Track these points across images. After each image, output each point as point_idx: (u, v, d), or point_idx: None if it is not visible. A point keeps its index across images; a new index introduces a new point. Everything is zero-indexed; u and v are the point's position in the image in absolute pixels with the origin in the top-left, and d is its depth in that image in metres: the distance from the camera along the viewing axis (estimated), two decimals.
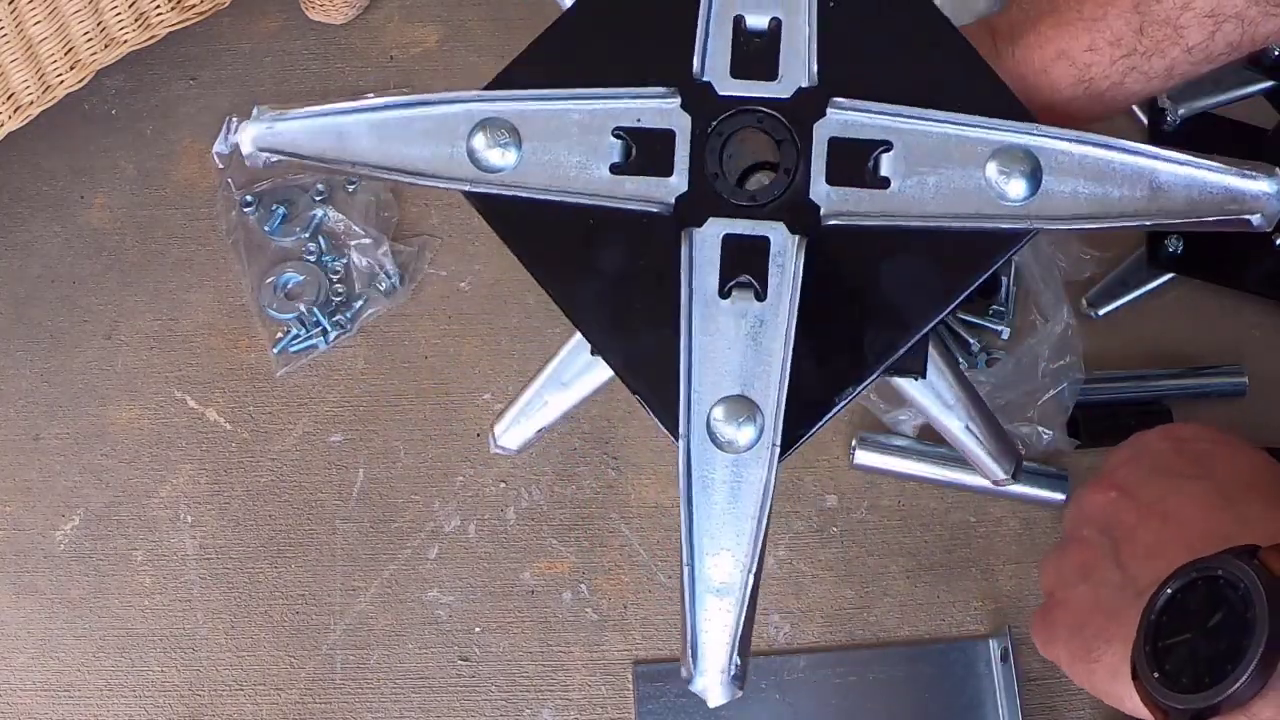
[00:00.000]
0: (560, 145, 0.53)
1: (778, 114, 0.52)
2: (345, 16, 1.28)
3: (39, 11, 1.01)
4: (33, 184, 1.21)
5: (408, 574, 1.03)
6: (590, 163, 0.53)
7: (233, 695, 0.99)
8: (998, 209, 0.51)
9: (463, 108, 0.54)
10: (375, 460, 1.07)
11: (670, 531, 1.03)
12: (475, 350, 1.12)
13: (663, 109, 0.52)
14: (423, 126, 0.55)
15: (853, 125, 0.51)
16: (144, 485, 1.07)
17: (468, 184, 0.55)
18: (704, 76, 0.52)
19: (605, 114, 0.53)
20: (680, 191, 0.52)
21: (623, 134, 0.53)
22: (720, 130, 0.52)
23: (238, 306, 1.14)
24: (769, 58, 0.52)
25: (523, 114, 0.53)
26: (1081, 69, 0.57)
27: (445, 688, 0.99)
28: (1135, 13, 0.56)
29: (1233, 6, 0.56)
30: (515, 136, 0.53)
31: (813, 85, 0.52)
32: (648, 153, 0.53)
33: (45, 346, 1.13)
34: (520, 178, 0.54)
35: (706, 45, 0.52)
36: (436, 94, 0.55)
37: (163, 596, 1.03)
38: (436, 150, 0.54)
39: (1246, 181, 0.49)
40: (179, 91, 1.25)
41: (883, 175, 0.52)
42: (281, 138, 0.55)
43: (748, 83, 0.52)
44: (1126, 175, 0.50)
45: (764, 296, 0.50)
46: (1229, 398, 1.06)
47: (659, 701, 0.97)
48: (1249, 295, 1.10)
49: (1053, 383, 1.01)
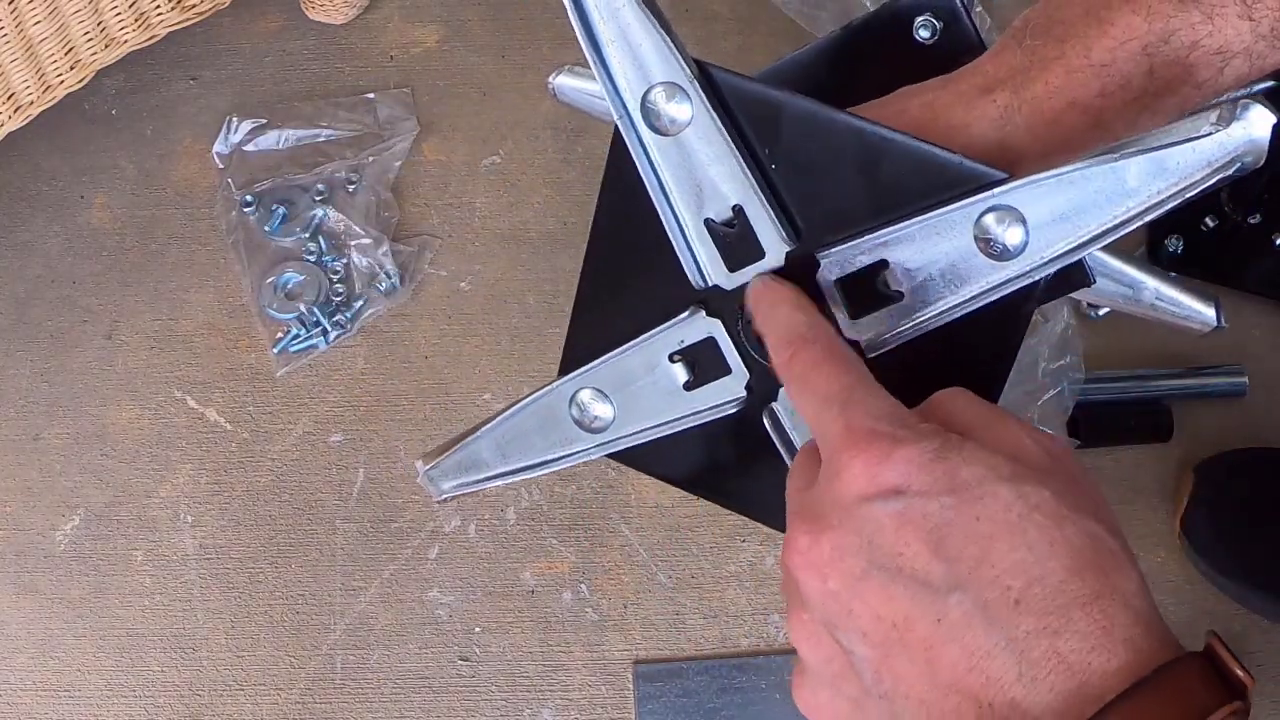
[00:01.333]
0: (637, 385, 0.61)
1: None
2: (345, 16, 1.28)
3: (39, 11, 1.02)
4: (33, 184, 1.21)
5: (408, 574, 1.03)
6: (668, 389, 0.60)
7: (233, 695, 0.99)
8: (1004, 272, 0.53)
9: (557, 392, 0.62)
10: (375, 460, 1.07)
11: (670, 532, 1.03)
12: (475, 350, 1.12)
13: (694, 324, 0.58)
14: (534, 422, 0.63)
15: (846, 262, 0.55)
16: (144, 485, 1.07)
17: (592, 450, 0.63)
18: (710, 282, 0.58)
19: (655, 348, 0.59)
20: (745, 380, 0.59)
21: (677, 356, 0.59)
22: (746, 318, 0.57)
23: (238, 306, 1.14)
24: (749, 239, 0.56)
25: (598, 375, 0.61)
26: (1094, 115, 0.56)
27: (445, 688, 0.99)
28: (1144, 55, 0.55)
29: (1240, 43, 0.55)
30: (602, 394, 0.62)
31: (796, 244, 0.56)
32: (706, 363, 0.59)
33: (45, 346, 1.13)
34: (624, 425, 0.62)
35: (695, 258, 0.57)
36: (530, 394, 0.63)
37: (163, 596, 1.03)
38: (553, 435, 0.63)
39: (1215, 143, 0.49)
40: (179, 91, 1.25)
41: (894, 290, 0.55)
42: (443, 485, 0.66)
43: (745, 270, 0.57)
44: (1101, 188, 0.51)
45: None
46: (1229, 398, 1.06)
47: (659, 701, 0.97)
48: (1249, 295, 1.10)
49: (1053, 383, 1.01)
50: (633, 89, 0.56)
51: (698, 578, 1.02)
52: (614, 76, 0.56)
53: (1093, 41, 0.56)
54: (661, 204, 0.57)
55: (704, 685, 0.98)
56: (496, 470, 0.65)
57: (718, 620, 1.00)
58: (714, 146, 0.56)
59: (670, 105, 0.56)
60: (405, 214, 1.18)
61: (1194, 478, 1.00)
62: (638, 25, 0.55)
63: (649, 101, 0.56)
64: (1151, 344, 1.09)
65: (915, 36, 0.76)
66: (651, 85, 0.56)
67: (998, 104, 0.57)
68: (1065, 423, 1.02)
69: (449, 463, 0.66)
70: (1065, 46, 0.57)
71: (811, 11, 1.15)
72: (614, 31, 0.55)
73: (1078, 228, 0.51)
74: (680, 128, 0.56)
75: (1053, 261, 0.52)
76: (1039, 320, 1.04)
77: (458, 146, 1.22)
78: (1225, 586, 0.99)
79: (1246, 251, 1.10)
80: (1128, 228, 0.50)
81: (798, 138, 0.56)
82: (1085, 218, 0.51)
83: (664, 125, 0.56)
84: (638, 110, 0.56)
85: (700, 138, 0.56)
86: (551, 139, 1.21)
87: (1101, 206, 0.50)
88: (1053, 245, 0.52)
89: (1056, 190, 0.51)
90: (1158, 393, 1.06)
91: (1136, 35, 0.55)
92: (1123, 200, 0.50)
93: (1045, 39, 0.57)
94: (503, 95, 1.24)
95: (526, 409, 0.63)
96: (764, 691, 0.97)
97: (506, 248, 1.16)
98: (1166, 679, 0.40)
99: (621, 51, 0.55)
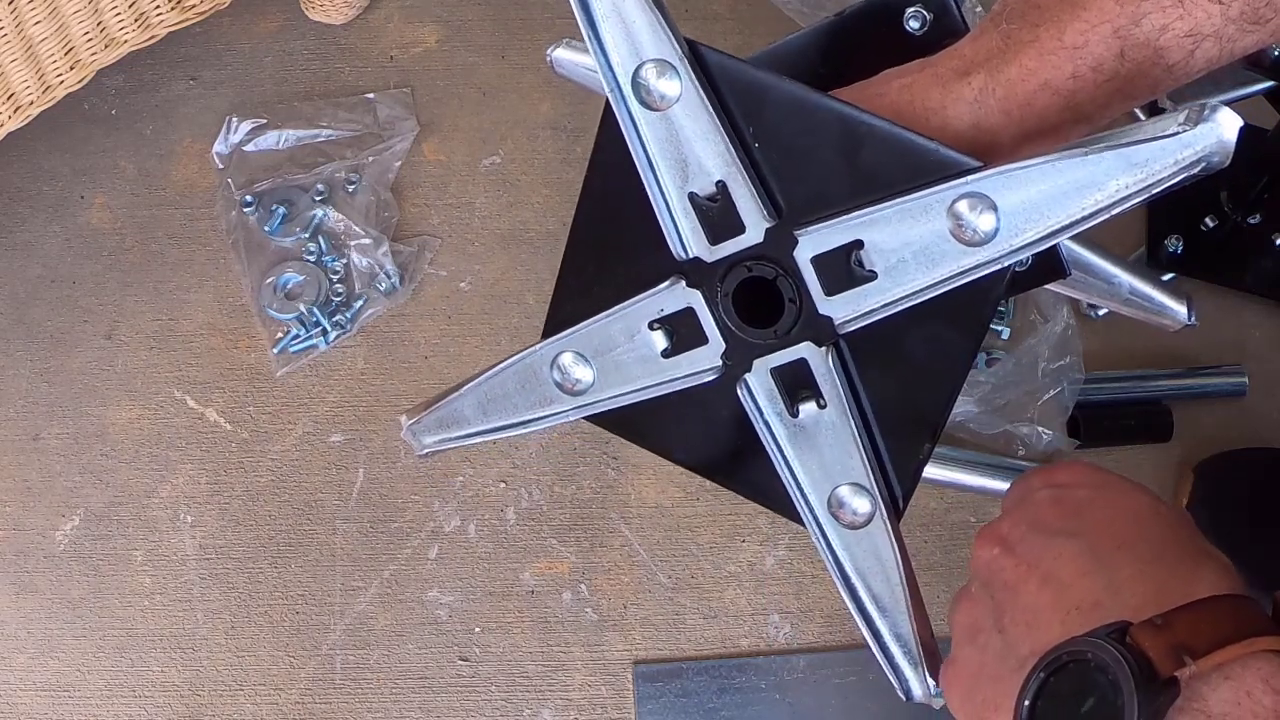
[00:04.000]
0: (617, 351, 0.63)
1: (761, 258, 0.58)
2: (345, 16, 1.28)
3: (39, 11, 1.01)
4: (33, 184, 1.21)
5: (408, 574, 1.03)
6: (646, 356, 0.62)
7: (233, 695, 0.99)
8: (975, 257, 0.55)
9: (539, 353, 0.64)
10: (375, 460, 1.07)
11: (670, 532, 1.03)
12: (475, 350, 1.12)
13: (674, 293, 0.60)
14: (515, 382, 0.65)
15: (823, 240, 0.57)
16: (144, 485, 1.07)
17: (571, 411, 0.65)
18: (691, 254, 0.59)
19: (636, 315, 0.61)
20: (721, 350, 0.61)
21: (657, 324, 0.61)
22: (724, 290, 0.59)
23: (238, 306, 1.14)
24: (731, 214, 0.58)
25: (579, 339, 0.63)
26: (1066, 97, 0.58)
27: (445, 688, 0.99)
28: (1116, 38, 0.56)
29: (1210, 25, 0.56)
30: (583, 357, 0.63)
31: (776, 221, 0.58)
32: (684, 332, 0.61)
33: (45, 346, 1.13)
34: (603, 389, 0.64)
35: (678, 230, 0.59)
36: (512, 355, 0.65)
37: (163, 596, 1.03)
38: (533, 395, 0.65)
39: (1182, 142, 0.49)
40: (179, 91, 1.25)
41: (868, 270, 0.56)
42: (425, 440, 0.68)
43: (726, 243, 0.59)
44: (1072, 180, 0.52)
45: (825, 403, 0.59)
46: (1229, 398, 1.06)
47: (659, 701, 0.97)
48: (1249, 295, 1.10)
49: (1053, 383, 1.01)
50: (624, 64, 0.57)
51: (698, 578, 1.02)
52: (607, 51, 0.57)
53: (1066, 24, 0.57)
54: (648, 177, 0.59)
55: (704, 685, 0.98)
56: (477, 427, 0.67)
57: (718, 620, 1.00)
58: (701, 123, 0.57)
59: (660, 81, 0.57)
60: (405, 214, 1.18)
61: (1194, 478, 1.00)
62: (632, 2, 0.56)
63: (640, 77, 0.57)
64: (1151, 344, 1.09)
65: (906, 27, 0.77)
66: (643, 61, 0.57)
67: (973, 86, 0.59)
68: (1065, 423, 1.02)
69: (431, 418, 0.68)
70: (1039, 30, 0.58)
71: (811, 11, 1.15)
72: (608, 7, 0.56)
73: (1047, 217, 0.53)
74: (669, 104, 0.57)
75: (1023, 249, 0.54)
76: (1039, 320, 1.04)
77: (458, 146, 1.22)
78: None
79: (1246, 251, 1.10)
80: (1096, 219, 0.52)
81: (782, 119, 0.58)
82: (1055, 208, 0.52)
83: (654, 100, 0.58)
84: (629, 85, 0.57)
85: (688, 114, 0.57)
86: (551, 139, 1.21)
87: (1071, 198, 0.52)
88: (1023, 233, 0.53)
89: (1028, 180, 0.52)
90: (1158, 393, 1.06)
91: (1109, 18, 0.56)
92: (1091, 193, 0.51)
93: (1021, 23, 0.58)
94: (503, 95, 1.24)
95: (509, 369, 0.65)
96: (764, 691, 0.97)
97: (506, 248, 1.16)
98: (1236, 602, 0.49)
99: (615, 27, 0.57)
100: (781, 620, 1.00)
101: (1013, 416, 1.01)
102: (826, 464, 0.60)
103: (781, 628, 1.00)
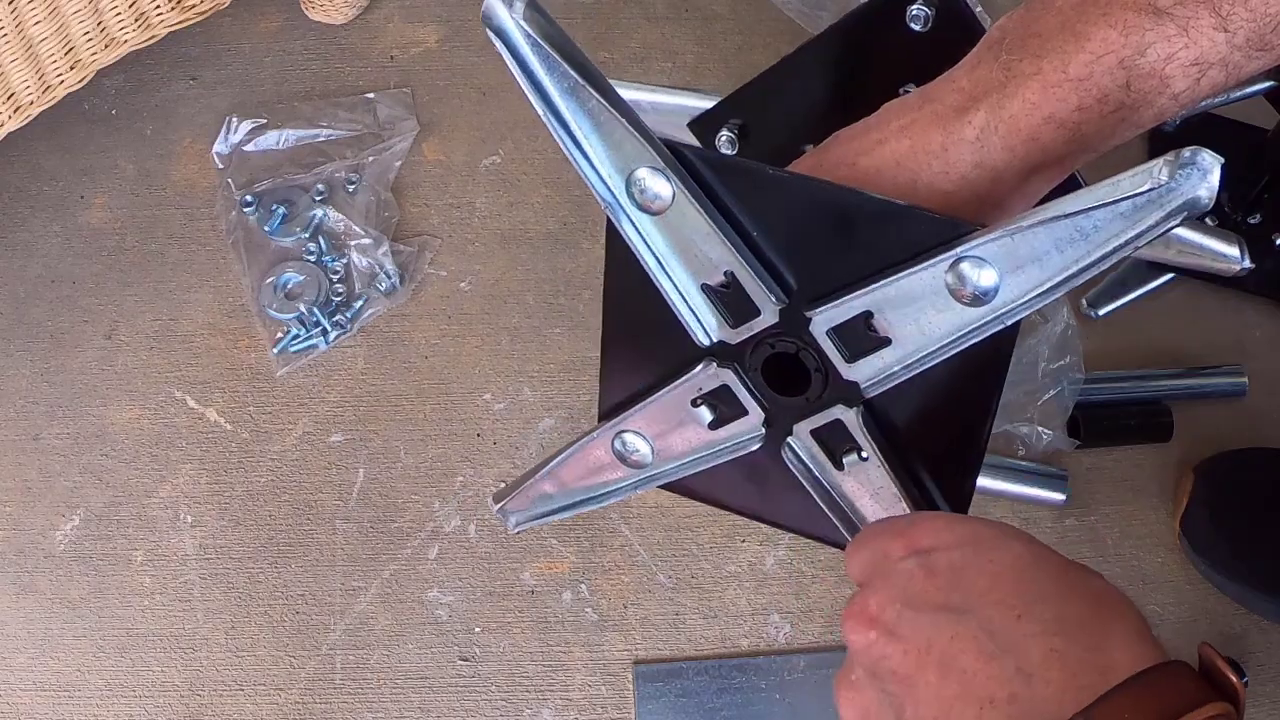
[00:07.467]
0: (668, 427, 0.68)
1: (780, 335, 0.62)
2: (345, 16, 1.28)
3: (39, 11, 1.02)
4: (33, 184, 1.21)
5: (408, 574, 1.03)
6: (694, 431, 0.68)
7: (233, 695, 0.99)
8: (981, 317, 0.56)
9: (600, 436, 0.70)
10: (375, 460, 1.07)
11: (670, 531, 1.03)
12: (475, 350, 1.12)
13: (708, 374, 0.65)
14: (584, 462, 0.72)
15: (837, 314, 0.59)
16: (144, 485, 1.07)
17: (639, 483, 0.72)
18: (715, 339, 0.63)
19: (679, 396, 0.66)
20: (761, 418, 0.66)
21: (700, 401, 0.66)
22: (752, 366, 0.63)
23: (238, 306, 1.14)
24: (744, 298, 0.61)
25: (633, 420, 0.69)
26: (1071, 129, 0.57)
27: (445, 688, 0.99)
28: (1121, 69, 0.55)
29: (1216, 54, 0.55)
30: (640, 435, 0.70)
31: (786, 303, 0.61)
32: (726, 406, 0.66)
33: (45, 346, 1.13)
34: (662, 462, 0.70)
35: (699, 320, 0.63)
36: (580, 438, 0.71)
37: (163, 596, 1.03)
38: (601, 473, 0.72)
39: (1167, 190, 0.50)
40: (179, 91, 1.25)
41: (883, 337, 0.59)
42: (513, 520, 0.77)
43: (745, 325, 0.62)
44: (1063, 238, 0.52)
45: (865, 455, 0.65)
46: (1229, 398, 1.06)
47: (659, 701, 0.97)
48: (1249, 295, 1.10)
49: (1053, 383, 1.01)
50: (614, 177, 0.59)
51: (698, 578, 1.02)
52: (596, 167, 0.59)
53: (1070, 56, 0.56)
54: (659, 278, 0.62)
55: (704, 685, 0.98)
56: (559, 504, 0.75)
57: (717, 620, 1.00)
58: (697, 221, 0.59)
59: (654, 182, 0.59)
60: (405, 214, 1.18)
61: (1194, 478, 1.00)
62: (608, 118, 0.58)
63: (633, 184, 0.59)
64: (1151, 344, 1.09)
65: (909, 26, 0.77)
66: (632, 170, 0.59)
67: (974, 125, 0.58)
68: (1065, 423, 1.02)
69: (515, 501, 0.76)
70: (1042, 62, 0.57)
71: (812, 11, 1.15)
72: (588, 126, 0.59)
73: (1045, 273, 0.54)
74: (665, 205, 0.59)
75: (1026, 304, 0.55)
76: (1039, 320, 1.04)
77: (458, 146, 1.22)
78: (1225, 586, 0.99)
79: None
80: (1093, 271, 0.53)
81: (773, 206, 0.60)
82: (1050, 264, 0.53)
83: (650, 204, 0.60)
84: (624, 195, 0.60)
85: (684, 214, 0.59)
86: (551, 139, 1.21)
87: (1065, 253, 0.53)
88: (1024, 292, 0.55)
89: (1020, 241, 0.53)
90: (1158, 393, 1.06)
91: (1113, 49, 0.55)
92: (1085, 248, 0.52)
93: (1022, 53, 0.58)
94: (503, 95, 1.24)
95: (575, 453, 0.72)
96: (764, 691, 0.97)
97: (506, 247, 1.16)
98: (1158, 676, 0.44)
99: (598, 144, 0.59)
100: (782, 620, 1.00)
101: (1013, 417, 1.01)
102: (879, 509, 0.67)
103: (781, 628, 1.00)
